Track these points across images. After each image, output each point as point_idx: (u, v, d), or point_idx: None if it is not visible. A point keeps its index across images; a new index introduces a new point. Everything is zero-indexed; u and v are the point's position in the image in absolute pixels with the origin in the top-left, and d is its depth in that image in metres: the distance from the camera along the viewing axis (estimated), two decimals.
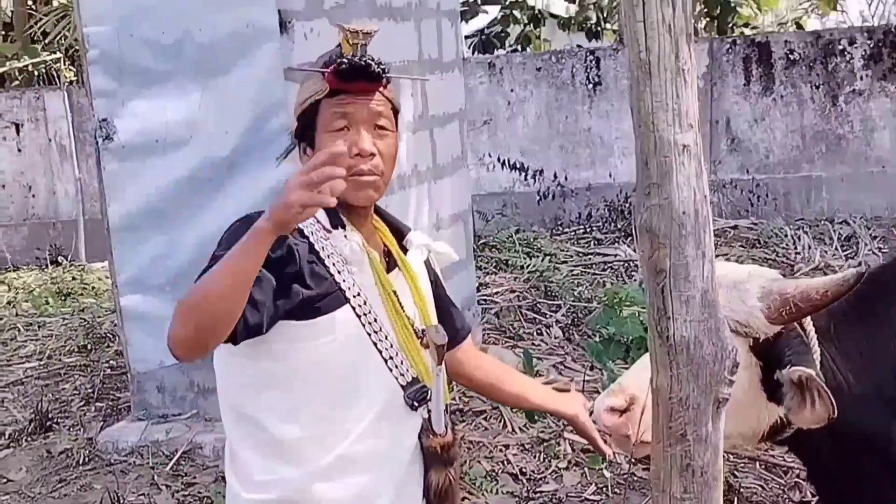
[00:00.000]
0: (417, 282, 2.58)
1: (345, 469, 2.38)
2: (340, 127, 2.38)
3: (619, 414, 2.84)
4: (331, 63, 2.36)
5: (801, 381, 2.77)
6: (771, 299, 2.78)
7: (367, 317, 2.37)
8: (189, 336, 2.13)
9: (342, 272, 2.36)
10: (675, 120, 2.13)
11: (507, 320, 7.27)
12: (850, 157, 10.03)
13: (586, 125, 10.32)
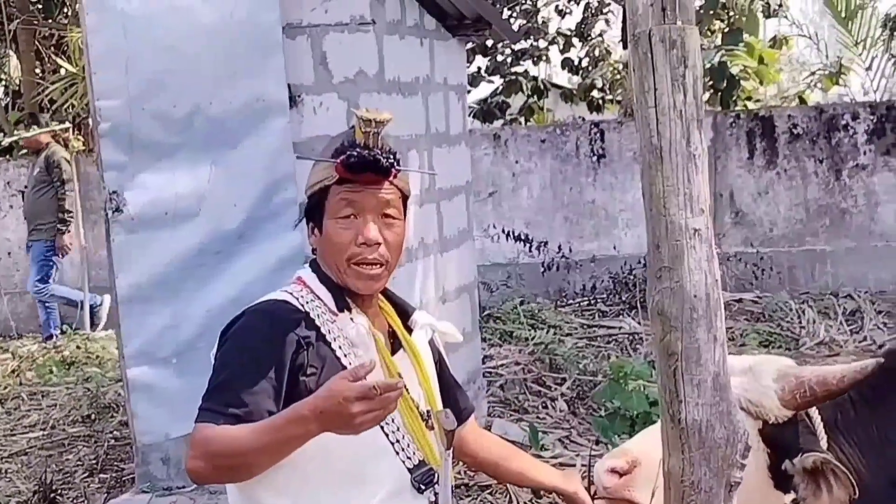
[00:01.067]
0: (422, 363, 2.59)
1: None
2: (347, 215, 2.42)
3: (620, 476, 2.84)
4: (343, 149, 2.38)
5: (815, 468, 2.75)
6: (786, 381, 2.77)
7: None
8: (215, 479, 2.32)
9: (348, 355, 2.38)
10: (686, 204, 2.16)
11: (513, 393, 7.24)
12: (854, 230, 10.06)
13: (590, 197, 10.38)
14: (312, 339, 2.35)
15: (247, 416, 2.23)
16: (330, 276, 2.47)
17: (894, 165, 9.98)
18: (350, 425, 2.11)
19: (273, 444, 2.20)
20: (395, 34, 5.56)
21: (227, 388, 2.27)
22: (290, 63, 5.02)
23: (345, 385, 2.11)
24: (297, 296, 2.43)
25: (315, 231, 2.49)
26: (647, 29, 2.15)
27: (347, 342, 2.40)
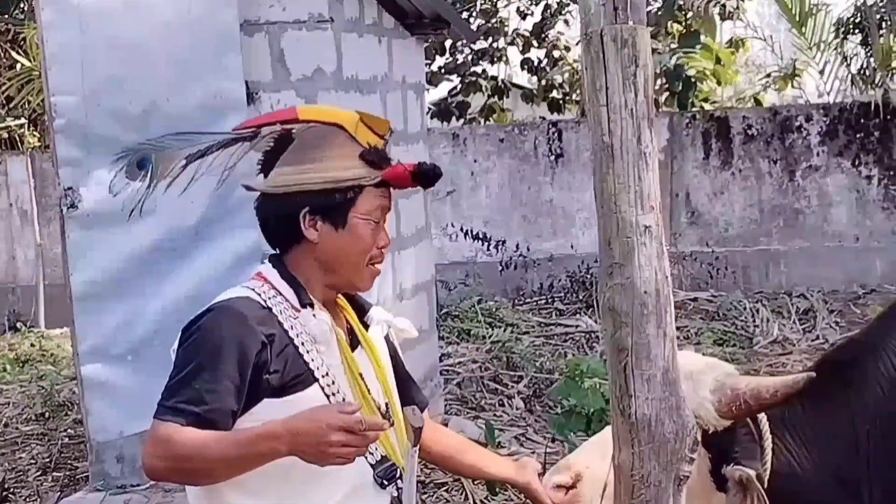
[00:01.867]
0: (379, 359, 2.60)
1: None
2: (378, 218, 2.46)
3: (566, 491, 2.88)
4: (379, 156, 2.44)
5: (741, 481, 2.82)
6: (722, 393, 2.82)
7: (335, 396, 2.38)
8: (173, 480, 2.40)
9: (311, 351, 2.38)
10: (636, 202, 2.19)
11: (469, 391, 7.28)
12: (808, 231, 10.18)
13: (548, 196, 10.43)
14: (276, 336, 2.35)
15: (208, 414, 2.24)
16: (291, 272, 2.46)
17: (847, 167, 10.11)
18: (322, 454, 2.16)
19: (240, 458, 2.23)
20: (353, 32, 5.57)
21: (190, 384, 2.26)
22: (248, 60, 5.01)
23: (332, 413, 2.17)
24: (259, 292, 2.42)
25: (321, 225, 2.44)
26: (598, 28, 2.18)
27: (310, 338, 2.39)
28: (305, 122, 2.48)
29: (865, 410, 3.14)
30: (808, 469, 3.08)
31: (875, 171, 10.09)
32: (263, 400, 2.31)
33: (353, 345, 2.53)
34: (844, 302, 9.55)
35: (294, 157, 2.45)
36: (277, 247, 2.52)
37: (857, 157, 10.09)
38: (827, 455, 3.12)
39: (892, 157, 10.06)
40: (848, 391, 3.18)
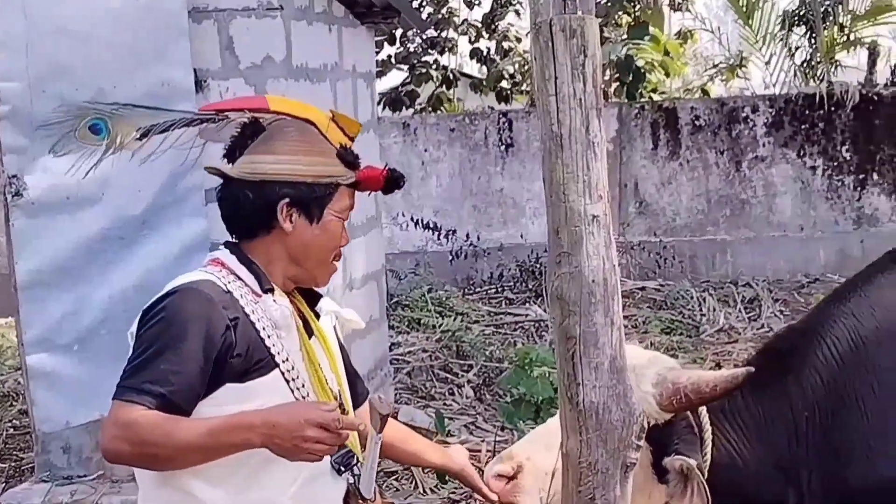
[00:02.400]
0: (331, 348, 2.62)
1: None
2: (346, 217, 2.54)
3: (507, 480, 2.91)
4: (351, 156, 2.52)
5: (682, 471, 2.86)
6: (664, 387, 2.86)
7: (295, 382, 2.41)
8: (134, 464, 2.33)
9: (271, 337, 2.39)
10: (585, 191, 2.21)
11: (419, 380, 7.29)
12: (753, 221, 10.30)
13: (499, 186, 10.45)
14: (239, 320, 2.35)
15: (173, 396, 2.23)
16: (252, 259, 2.47)
17: (792, 157, 10.23)
18: (295, 449, 2.18)
19: (210, 447, 2.23)
20: (302, 20, 5.54)
21: (154, 365, 2.24)
22: (196, 48, 4.97)
23: (311, 408, 2.22)
24: (219, 276, 2.42)
25: (296, 217, 2.47)
26: (548, 18, 2.19)
27: (271, 324, 2.40)
28: (276, 113, 2.49)
29: (805, 398, 3.20)
30: (749, 458, 3.14)
31: (819, 161, 10.23)
32: (226, 384, 2.32)
33: (307, 333, 2.54)
34: (789, 291, 9.68)
35: (269, 147, 2.45)
36: (243, 234, 2.51)
37: (801, 148, 10.22)
38: (767, 443, 3.17)
39: (836, 148, 10.20)
40: (787, 379, 3.23)
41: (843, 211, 10.27)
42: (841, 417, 3.18)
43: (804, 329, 3.43)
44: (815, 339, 3.29)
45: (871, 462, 3.16)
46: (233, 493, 2.36)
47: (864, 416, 3.17)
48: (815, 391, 3.21)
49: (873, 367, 3.22)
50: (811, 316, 3.56)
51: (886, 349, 3.25)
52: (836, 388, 3.20)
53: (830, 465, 3.17)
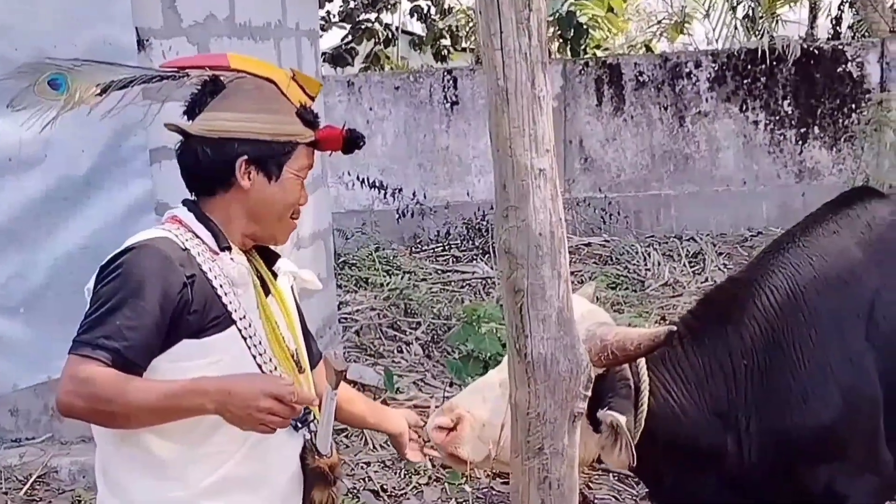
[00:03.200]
0: (288, 307, 2.64)
1: (228, 490, 2.41)
2: (305, 176, 2.54)
3: (447, 432, 2.96)
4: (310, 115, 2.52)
5: (611, 425, 2.92)
6: (592, 343, 2.92)
7: (251, 339, 2.42)
8: (87, 419, 2.30)
9: (228, 294, 2.40)
10: (531, 145, 2.23)
11: (368, 338, 7.31)
12: (697, 175, 10.39)
13: (444, 144, 10.44)
14: (196, 277, 2.36)
15: (127, 352, 2.23)
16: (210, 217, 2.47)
17: (734, 112, 10.32)
18: (248, 418, 2.20)
19: (164, 409, 2.24)
20: None
21: (111, 320, 2.25)
22: (138, 6, 4.91)
23: (269, 379, 2.26)
24: (176, 234, 2.42)
25: (254, 175, 2.46)
26: None
27: (228, 281, 2.41)
28: (237, 71, 2.48)
29: (743, 346, 3.28)
30: (688, 406, 3.21)
31: (762, 116, 10.33)
32: (182, 340, 2.33)
33: (264, 292, 2.55)
34: (732, 245, 9.80)
35: (229, 105, 2.45)
36: (201, 191, 2.51)
37: (744, 103, 10.32)
38: (706, 391, 3.24)
39: (778, 102, 10.31)
40: (727, 328, 3.31)
41: (785, 165, 10.40)
42: (778, 364, 3.26)
43: (744, 280, 3.50)
44: (754, 289, 3.36)
45: (807, 407, 3.24)
46: (188, 449, 2.38)
47: (801, 363, 3.25)
48: (754, 339, 3.28)
49: (811, 315, 3.30)
50: (751, 267, 3.63)
51: (824, 297, 3.33)
52: (774, 336, 3.28)
53: (768, 411, 3.25)
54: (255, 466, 2.44)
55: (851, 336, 3.30)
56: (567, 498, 2.32)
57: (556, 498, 2.31)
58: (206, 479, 2.40)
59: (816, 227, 3.54)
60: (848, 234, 3.48)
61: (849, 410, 3.24)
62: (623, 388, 3.08)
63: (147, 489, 2.40)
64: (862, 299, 3.34)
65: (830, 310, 3.32)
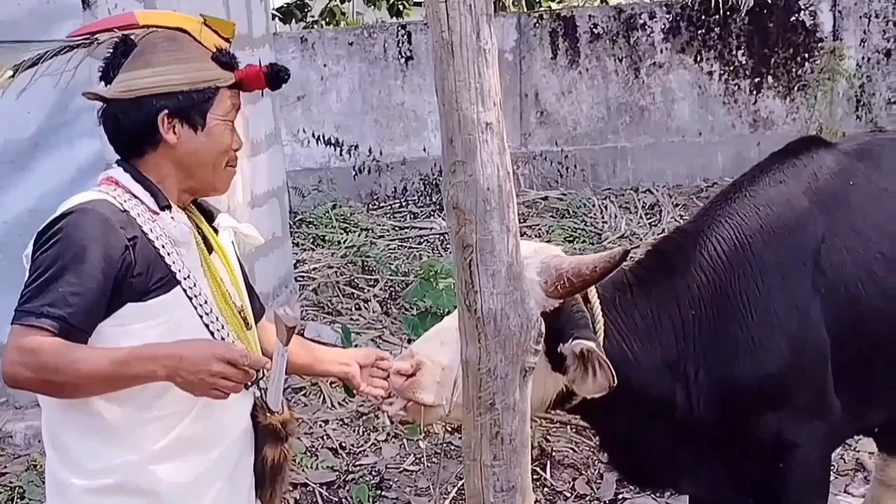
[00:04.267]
0: (231, 263, 2.61)
1: (181, 451, 2.40)
2: (231, 119, 2.48)
3: (406, 378, 2.97)
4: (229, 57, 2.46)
5: (582, 354, 2.92)
6: (548, 274, 2.92)
7: (197, 298, 2.41)
8: (34, 390, 2.29)
9: (171, 254, 2.38)
10: (477, 98, 2.21)
11: (325, 296, 7.29)
12: (653, 127, 10.39)
13: (400, 99, 10.38)
14: (137, 238, 2.33)
15: (72, 318, 2.21)
16: (146, 177, 2.43)
17: (689, 63, 10.31)
18: (200, 383, 2.19)
19: (114, 378, 2.22)
20: None
21: (53, 287, 2.22)
22: None
23: (220, 344, 2.27)
24: (113, 195, 2.38)
25: (178, 128, 2.43)
26: None
27: (170, 241, 2.39)
28: (146, 27, 2.44)
29: (691, 296, 3.31)
30: (637, 353, 3.23)
31: (716, 66, 10.34)
32: (127, 304, 2.30)
33: (207, 249, 2.53)
34: (688, 196, 9.83)
35: (141, 62, 2.41)
36: (131, 153, 2.47)
37: (698, 54, 10.31)
38: (654, 340, 3.27)
39: (732, 52, 10.32)
40: (674, 279, 3.33)
41: (740, 115, 10.42)
42: (726, 315, 3.29)
43: (691, 230, 3.52)
44: (700, 239, 3.39)
45: (753, 357, 3.28)
46: (137, 412, 2.36)
47: (748, 312, 3.28)
48: (701, 290, 3.31)
49: (757, 264, 3.33)
50: (698, 217, 3.65)
51: (769, 247, 3.36)
52: (721, 286, 3.31)
53: (716, 360, 3.29)
54: (207, 426, 2.43)
55: (797, 284, 3.32)
56: (519, 452, 2.33)
57: (508, 452, 2.31)
58: (158, 442, 2.38)
59: (763, 176, 3.56)
60: (794, 183, 3.50)
61: (795, 358, 3.28)
62: (581, 318, 3.08)
63: (97, 454, 2.37)
64: (808, 248, 3.37)
65: (776, 259, 3.35)
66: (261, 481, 2.57)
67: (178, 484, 2.40)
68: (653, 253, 3.59)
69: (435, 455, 5.03)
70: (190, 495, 2.43)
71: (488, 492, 2.33)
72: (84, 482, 2.39)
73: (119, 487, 2.37)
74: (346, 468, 5.00)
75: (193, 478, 2.43)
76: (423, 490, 4.91)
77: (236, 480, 2.52)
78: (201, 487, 2.45)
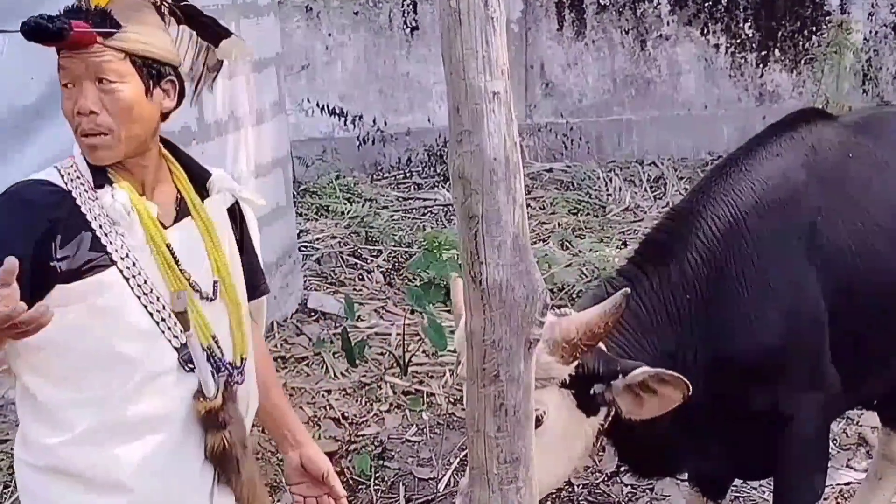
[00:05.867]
0: (212, 230, 2.48)
1: (114, 434, 2.31)
2: (65, 83, 2.30)
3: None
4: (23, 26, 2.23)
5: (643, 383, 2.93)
6: (560, 349, 2.94)
7: (135, 279, 2.30)
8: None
9: (109, 234, 2.29)
10: (485, 68, 2.18)
11: (329, 266, 7.28)
12: (658, 100, 10.36)
13: (405, 70, 10.33)
14: (63, 221, 2.25)
15: None
16: None
17: (696, 35, 10.27)
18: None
19: None
20: None
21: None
22: None
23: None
24: (65, 172, 2.32)
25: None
26: None
27: (108, 220, 2.29)
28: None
29: (686, 281, 3.28)
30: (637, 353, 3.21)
31: (722, 39, 10.29)
32: (56, 286, 2.24)
33: (180, 216, 2.43)
34: (693, 169, 9.81)
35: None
36: None
37: (705, 26, 10.26)
38: (652, 335, 3.25)
39: (739, 25, 10.26)
40: (668, 267, 3.30)
41: (746, 88, 10.38)
42: (721, 294, 3.27)
43: (685, 211, 3.48)
44: (695, 220, 3.35)
45: (750, 331, 3.26)
46: (65, 392, 2.31)
47: (743, 289, 3.26)
48: (696, 271, 3.29)
49: (752, 240, 3.30)
50: (692, 195, 3.61)
51: (765, 221, 3.33)
52: (716, 265, 3.29)
53: (713, 340, 3.27)
54: (140, 411, 2.32)
55: (793, 258, 3.30)
56: (523, 424, 2.32)
57: (512, 424, 2.30)
58: (87, 423, 2.30)
59: (760, 149, 3.52)
60: (792, 156, 3.47)
61: (791, 332, 3.27)
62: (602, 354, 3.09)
63: (37, 433, 2.35)
64: (804, 221, 3.34)
65: (772, 233, 3.32)
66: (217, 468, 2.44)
67: (109, 468, 2.32)
68: (646, 244, 3.56)
69: (437, 426, 5.03)
70: (124, 481, 2.33)
71: (492, 463, 2.32)
72: (29, 459, 2.37)
73: (54, 469, 2.33)
74: (349, 438, 5.00)
75: (127, 463, 2.33)
76: (425, 461, 4.92)
77: (180, 468, 2.40)
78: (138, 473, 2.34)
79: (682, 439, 3.37)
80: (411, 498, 4.72)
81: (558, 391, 3.04)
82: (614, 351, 3.17)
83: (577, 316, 3.03)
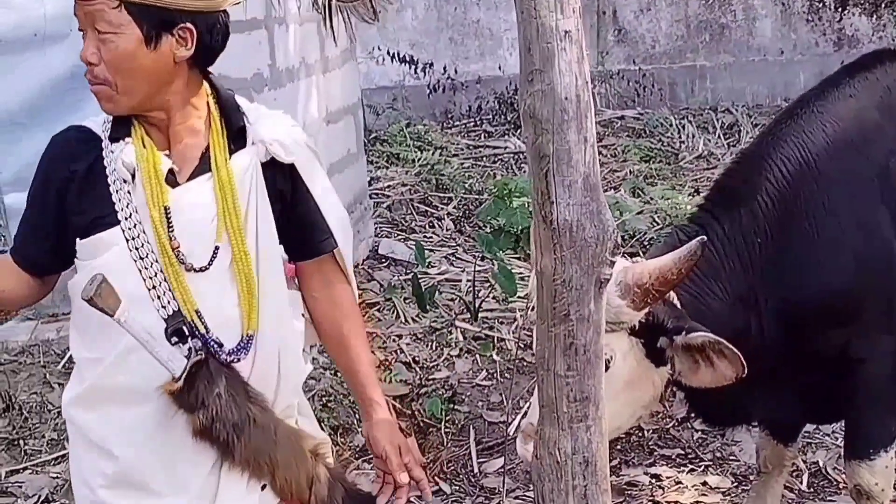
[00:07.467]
0: (230, 189, 2.29)
1: (100, 400, 2.30)
2: (80, 28, 2.21)
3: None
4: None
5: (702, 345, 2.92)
6: (632, 294, 2.90)
7: (135, 240, 2.23)
8: None
9: (119, 190, 2.23)
10: (556, 6, 2.16)
11: (399, 214, 7.32)
12: (733, 45, 10.19)
13: (475, 17, 10.27)
14: (81, 172, 2.24)
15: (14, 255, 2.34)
16: None
17: None
18: None
19: None
20: None
21: (22, 221, 2.35)
22: None
23: None
24: (103, 122, 2.28)
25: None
26: None
27: (121, 176, 2.23)
28: None
29: (757, 225, 3.23)
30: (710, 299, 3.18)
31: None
32: (77, 239, 2.25)
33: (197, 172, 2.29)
34: (768, 116, 9.61)
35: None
36: None
37: None
38: (724, 280, 3.22)
39: None
40: (739, 211, 3.25)
41: (824, 33, 10.16)
42: (791, 236, 3.22)
43: (755, 154, 3.43)
44: (765, 164, 3.30)
45: (820, 276, 3.21)
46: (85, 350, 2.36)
47: (814, 231, 3.21)
48: (767, 215, 3.24)
49: (824, 182, 3.25)
50: (763, 136, 3.55)
51: (836, 162, 3.27)
52: (787, 208, 3.24)
53: (784, 284, 3.23)
54: (125, 380, 2.27)
55: (865, 199, 3.25)
56: (593, 363, 2.31)
57: (582, 363, 2.30)
58: (89, 383, 2.32)
59: (832, 90, 3.45)
60: (865, 97, 3.39)
61: (862, 274, 3.22)
62: (673, 308, 3.07)
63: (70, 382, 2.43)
64: (876, 162, 3.28)
65: (843, 175, 3.26)
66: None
67: (99, 433, 2.30)
68: (715, 189, 3.52)
69: (507, 371, 5.06)
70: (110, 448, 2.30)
71: (562, 402, 2.32)
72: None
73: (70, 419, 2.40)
74: (420, 382, 5.05)
75: (112, 431, 2.29)
76: (495, 404, 4.95)
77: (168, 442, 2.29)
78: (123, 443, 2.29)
79: (753, 388, 3.33)
80: (481, 441, 4.76)
81: (627, 338, 3.03)
82: (686, 297, 3.15)
83: (650, 262, 3.01)
